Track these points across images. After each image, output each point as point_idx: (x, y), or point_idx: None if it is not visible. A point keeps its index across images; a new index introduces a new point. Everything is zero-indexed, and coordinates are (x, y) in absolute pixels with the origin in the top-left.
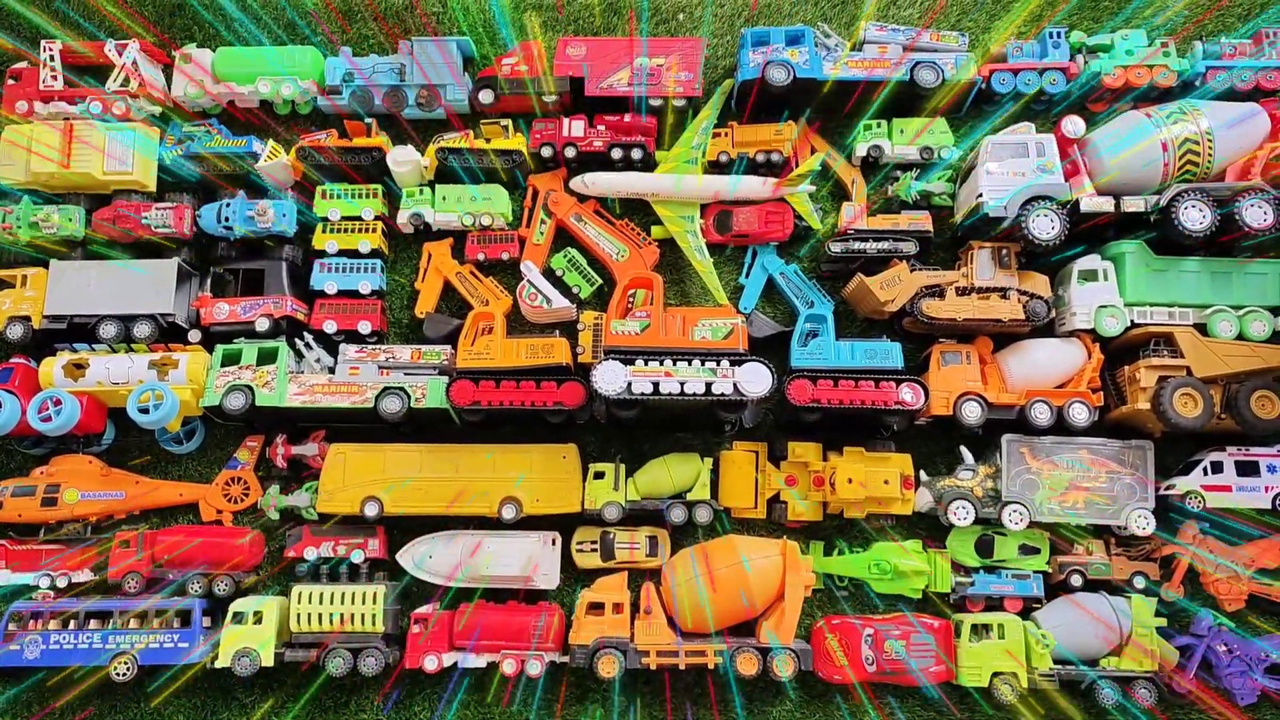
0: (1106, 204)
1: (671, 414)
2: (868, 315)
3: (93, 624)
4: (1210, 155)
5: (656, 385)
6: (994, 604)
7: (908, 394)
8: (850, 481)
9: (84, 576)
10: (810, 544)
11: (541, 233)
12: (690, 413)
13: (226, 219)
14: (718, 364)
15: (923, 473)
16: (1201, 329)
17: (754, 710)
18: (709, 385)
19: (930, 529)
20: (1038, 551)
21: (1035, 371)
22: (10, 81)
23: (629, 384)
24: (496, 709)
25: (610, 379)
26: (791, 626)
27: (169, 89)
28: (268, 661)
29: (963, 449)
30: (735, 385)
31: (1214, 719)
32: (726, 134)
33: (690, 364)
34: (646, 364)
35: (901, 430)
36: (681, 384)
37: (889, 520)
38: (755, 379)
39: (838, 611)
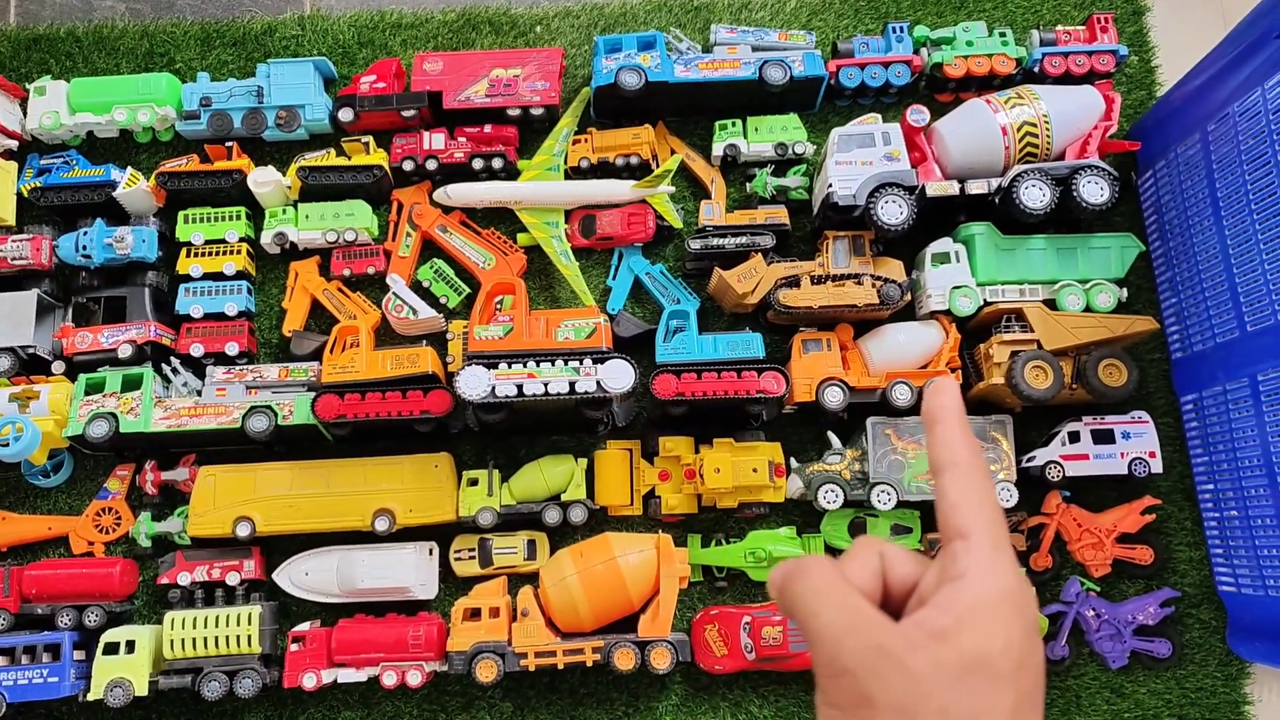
0: (952, 187)
1: (542, 417)
2: (732, 310)
3: None
4: (1049, 137)
5: (521, 387)
6: None
7: (770, 382)
8: (718, 471)
9: None
10: (688, 537)
11: (407, 246)
12: (560, 414)
13: (84, 247)
14: (581, 363)
15: (793, 460)
16: (1052, 305)
17: (640, 707)
18: (573, 384)
19: (805, 516)
20: (910, 531)
21: (896, 354)
22: None
23: (493, 387)
24: None
25: (474, 383)
26: (667, 619)
27: (24, 122)
28: (141, 691)
29: (830, 434)
30: (598, 383)
31: (1088, 684)
32: (586, 140)
33: (554, 364)
34: (510, 366)
35: (771, 420)
36: (545, 384)
37: (762, 508)
38: (618, 375)
39: (720, 604)
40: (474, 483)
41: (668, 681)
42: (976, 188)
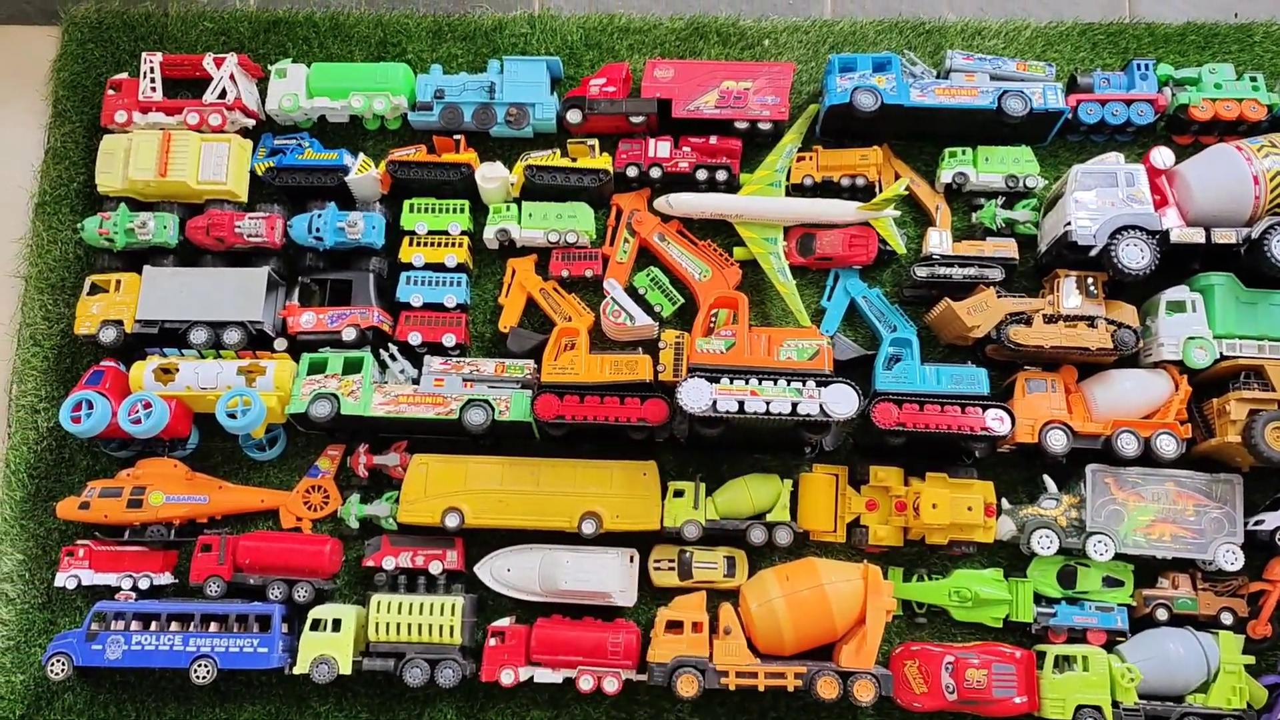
0: (1197, 235)
1: (752, 434)
2: (950, 341)
3: (174, 626)
4: None
5: (742, 404)
6: (1076, 636)
7: (994, 421)
8: (935, 507)
9: (165, 579)
10: (889, 569)
11: (625, 251)
12: (772, 433)
13: (317, 230)
14: (804, 384)
15: (1004, 500)
16: None
17: None
18: (795, 405)
19: (1010, 558)
20: (1121, 584)
21: (1121, 402)
22: (110, 92)
23: (714, 401)
24: None
25: (696, 396)
26: (873, 651)
27: (263, 102)
28: (345, 669)
29: (1046, 478)
30: (821, 406)
31: None
32: (811, 158)
33: (776, 383)
34: (732, 382)
35: (984, 457)
36: (767, 403)
37: (970, 547)
38: (841, 400)
39: (918, 639)
40: (679, 494)
41: (859, 714)
42: (1224, 237)
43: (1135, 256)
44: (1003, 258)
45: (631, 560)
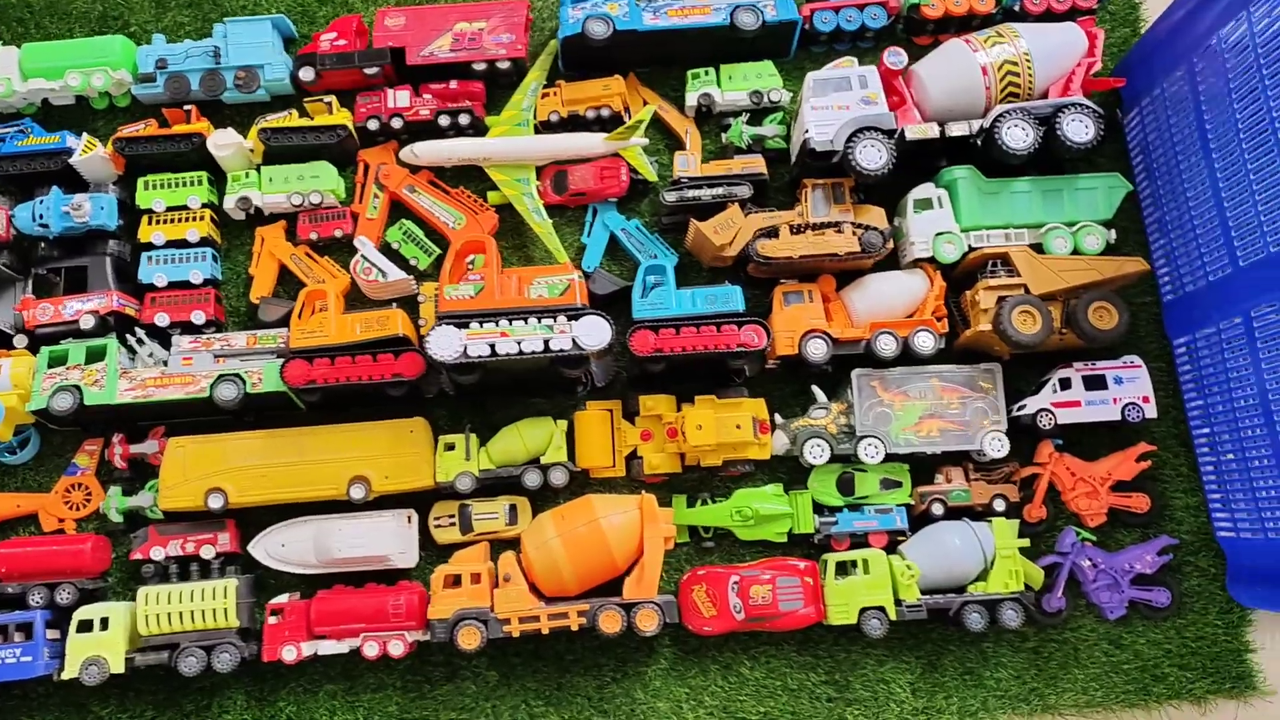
0: (932, 130)
1: (517, 378)
2: (712, 264)
3: None
4: (1031, 76)
5: (494, 347)
6: (860, 541)
7: (750, 335)
8: (699, 428)
9: None
10: (673, 498)
11: (375, 207)
12: (536, 375)
13: (41, 217)
14: (555, 320)
15: (778, 416)
16: (1039, 249)
17: (629, 672)
18: (547, 342)
19: (792, 471)
20: (900, 485)
21: (880, 304)
22: None
23: (465, 347)
24: (364, 695)
25: (445, 344)
26: (653, 580)
27: None
28: (117, 668)
29: (815, 388)
30: (574, 340)
31: (1086, 636)
32: (555, 93)
33: (526, 322)
34: (482, 325)
35: (754, 376)
36: (519, 343)
37: (747, 465)
38: (593, 332)
39: (708, 565)
40: (450, 448)
41: (656, 645)
42: (957, 130)
43: (873, 157)
44: (751, 174)
45: (410, 521)
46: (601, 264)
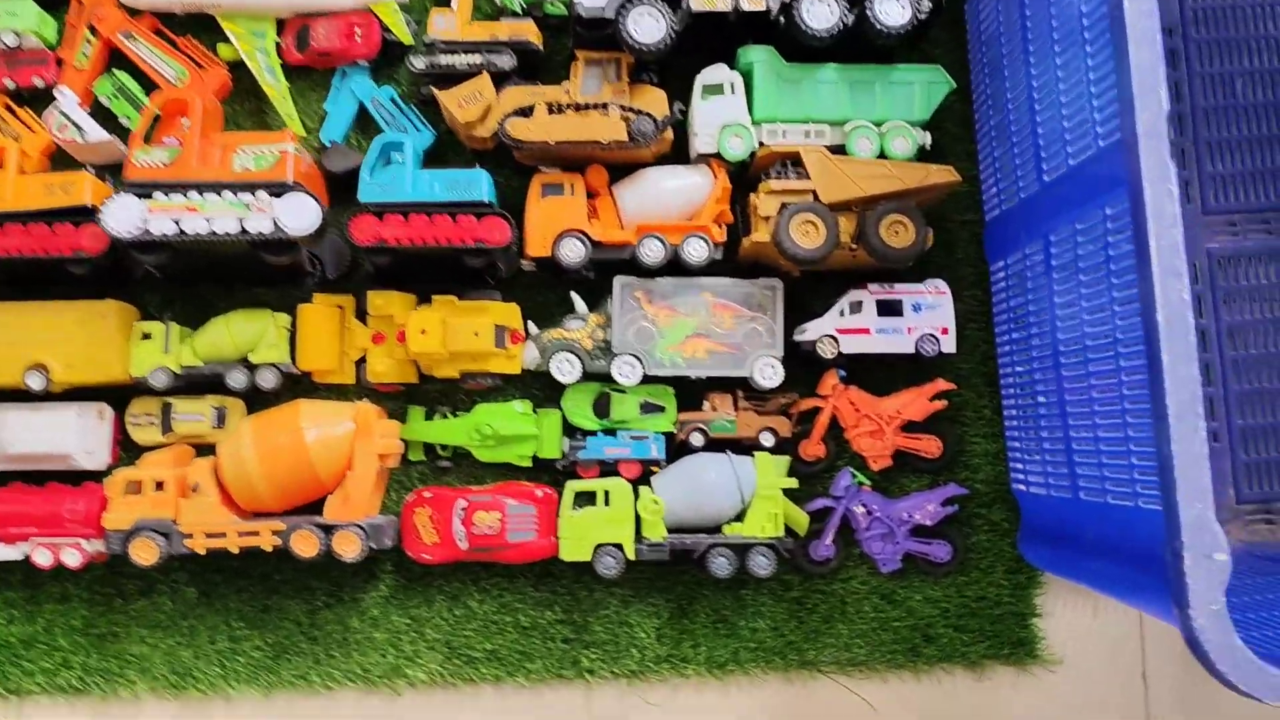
0: (721, 1)
1: (228, 263)
2: (475, 147)
3: None
4: None
5: (179, 224)
6: (611, 470)
7: (491, 230)
8: (424, 333)
9: None
10: (409, 410)
11: (85, 55)
12: (244, 261)
13: None
14: (254, 197)
15: (532, 324)
16: (843, 151)
17: (344, 598)
18: (243, 223)
19: (549, 389)
20: (662, 410)
21: (655, 204)
22: None
23: (146, 223)
24: (47, 606)
25: (122, 217)
26: (360, 500)
27: None
28: None
29: (575, 295)
30: (275, 221)
31: (856, 589)
32: None
33: (221, 197)
34: (168, 197)
35: (510, 278)
36: (209, 221)
37: (491, 379)
38: (298, 213)
39: (439, 486)
40: (147, 337)
41: (376, 571)
42: (754, 4)
43: (650, 29)
44: (517, 42)
45: (102, 416)
46: (351, 138)
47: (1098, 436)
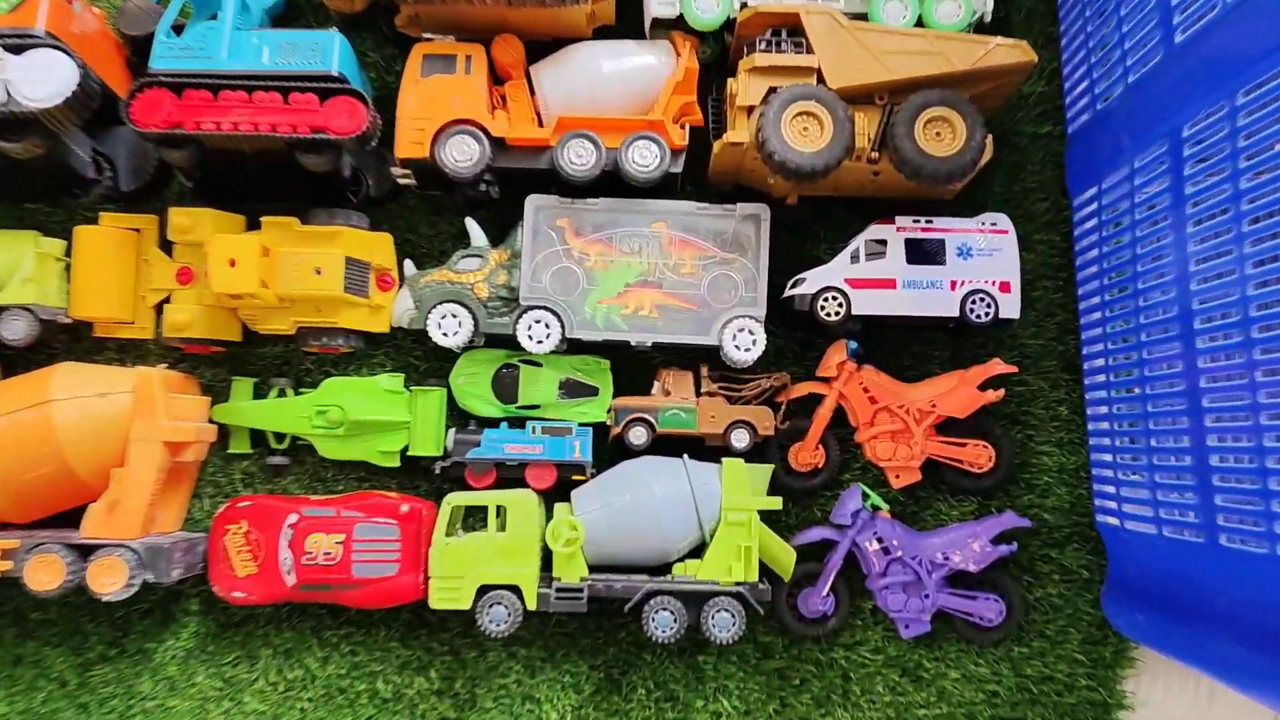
0: None
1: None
2: (337, 6)
3: None
4: None
5: None
6: (514, 477)
7: (337, 115)
8: (232, 264)
9: None
10: (233, 382)
11: None
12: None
13: None
14: None
15: (409, 263)
16: (865, 18)
17: (129, 649)
18: None
19: (431, 357)
20: (593, 393)
21: (588, 91)
22: None
23: None
24: None
25: None
26: (137, 511)
27: None
28: None
29: (470, 222)
30: (6, 87)
31: (865, 660)
32: None
33: None
34: None
35: (386, 196)
36: None
37: (348, 340)
38: (42, 75)
39: (262, 494)
40: None
41: (176, 612)
42: None
43: None
44: None
45: None
46: None
47: (1262, 449)
